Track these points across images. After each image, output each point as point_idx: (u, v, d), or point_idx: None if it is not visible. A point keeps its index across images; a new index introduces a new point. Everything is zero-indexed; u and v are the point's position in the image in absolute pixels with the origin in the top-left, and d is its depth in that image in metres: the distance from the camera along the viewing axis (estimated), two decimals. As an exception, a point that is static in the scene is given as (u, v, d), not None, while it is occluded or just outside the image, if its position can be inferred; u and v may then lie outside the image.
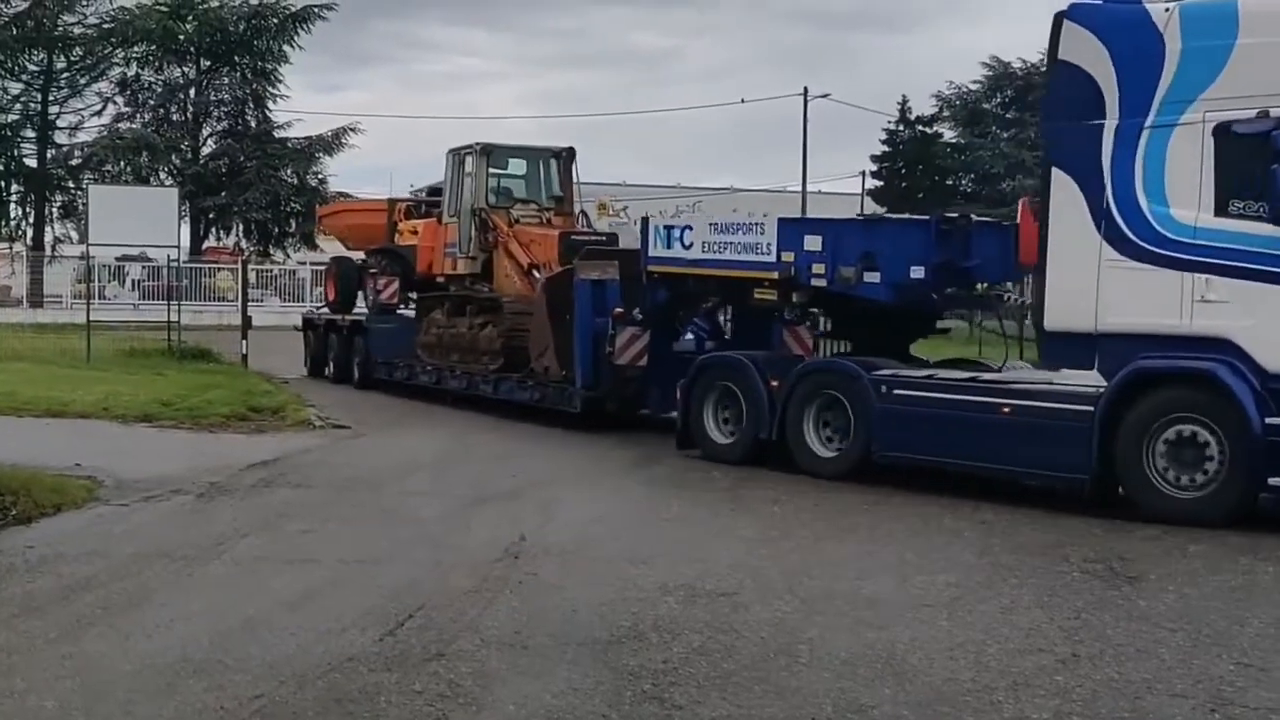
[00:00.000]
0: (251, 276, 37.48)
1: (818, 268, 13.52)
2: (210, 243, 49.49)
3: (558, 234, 19.36)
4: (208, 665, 6.83)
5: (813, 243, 13.66)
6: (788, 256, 13.73)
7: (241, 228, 49.07)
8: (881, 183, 54.71)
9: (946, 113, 52.88)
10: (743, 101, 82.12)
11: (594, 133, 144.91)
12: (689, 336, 15.59)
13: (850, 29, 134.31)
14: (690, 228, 15.25)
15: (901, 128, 53.29)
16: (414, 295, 22.99)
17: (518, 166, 21.54)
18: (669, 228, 15.60)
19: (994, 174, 48.96)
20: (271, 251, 48.88)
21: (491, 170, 20.81)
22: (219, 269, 44.88)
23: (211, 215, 48.01)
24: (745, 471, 13.61)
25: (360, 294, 24.52)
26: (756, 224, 14.44)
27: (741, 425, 14.06)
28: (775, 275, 13.86)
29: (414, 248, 22.54)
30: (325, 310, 25.83)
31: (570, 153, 21.04)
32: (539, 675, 6.76)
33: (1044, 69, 53.06)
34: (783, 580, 8.74)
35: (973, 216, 14.68)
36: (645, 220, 16.00)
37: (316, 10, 48.19)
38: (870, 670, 6.83)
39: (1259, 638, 7.38)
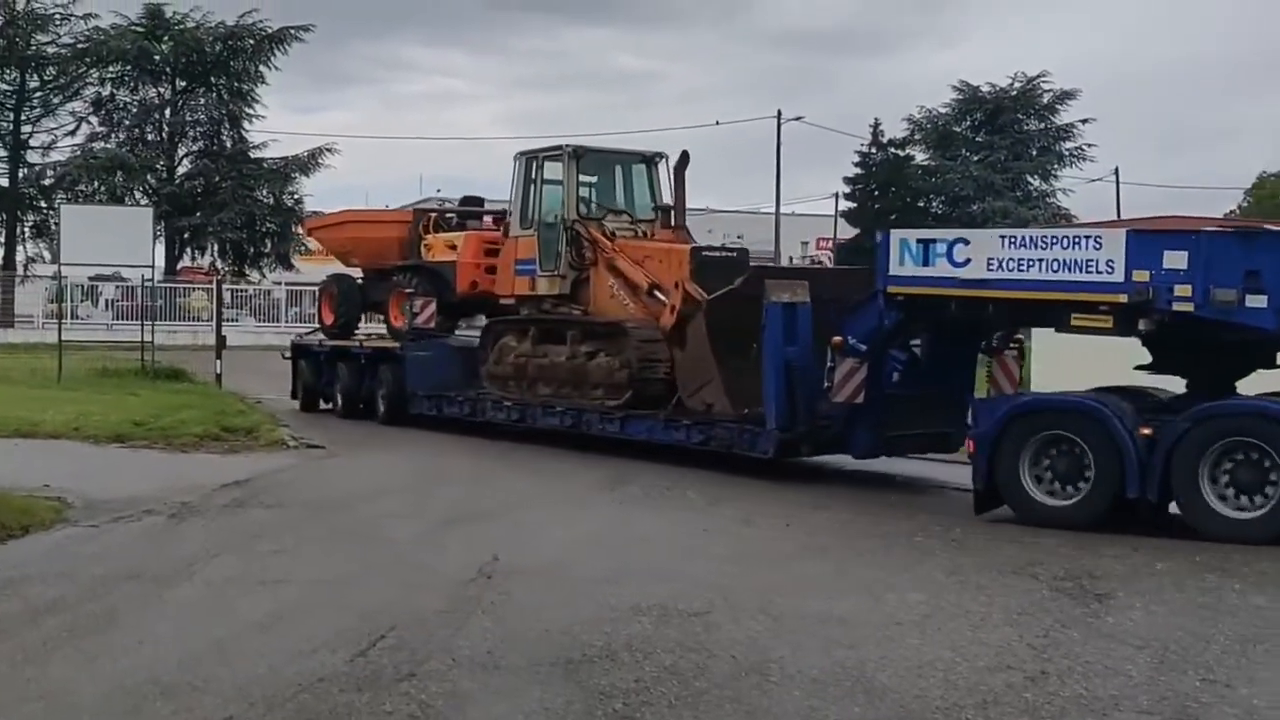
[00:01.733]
0: (226, 296, 37.39)
1: (1181, 289, 11.16)
2: (185, 262, 49.31)
3: (689, 249, 16.87)
4: (176, 687, 6.78)
5: (1175, 259, 11.33)
6: (1141, 275, 11.35)
7: (216, 248, 48.91)
8: (854, 204, 54.99)
9: (918, 135, 53.30)
10: (717, 124, 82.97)
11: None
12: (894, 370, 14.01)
13: (825, 53, 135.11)
14: (965, 241, 12.63)
15: (874, 150, 53.63)
16: (479, 318, 20.88)
17: (606, 173, 18.92)
18: (926, 242, 12.89)
19: (964, 196, 49.38)
20: (246, 271, 48.75)
21: (582, 178, 18.31)
22: (193, 289, 44.74)
23: (186, 235, 47.86)
24: (717, 491, 13.60)
25: (372, 316, 22.74)
26: (1088, 238, 11.86)
27: (1087, 483, 11.66)
28: (1122, 298, 11.42)
29: (452, 264, 19.94)
30: (319, 334, 23.40)
31: (684, 157, 17.82)
32: (511, 695, 6.73)
33: (1012, 93, 53.45)
34: (754, 599, 8.72)
35: None
36: (886, 234, 13.40)
37: (294, 32, 48.20)
38: (840, 688, 6.82)
39: (1224, 654, 7.40)
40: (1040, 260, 11.91)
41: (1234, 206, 69.17)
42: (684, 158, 17.67)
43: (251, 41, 48.18)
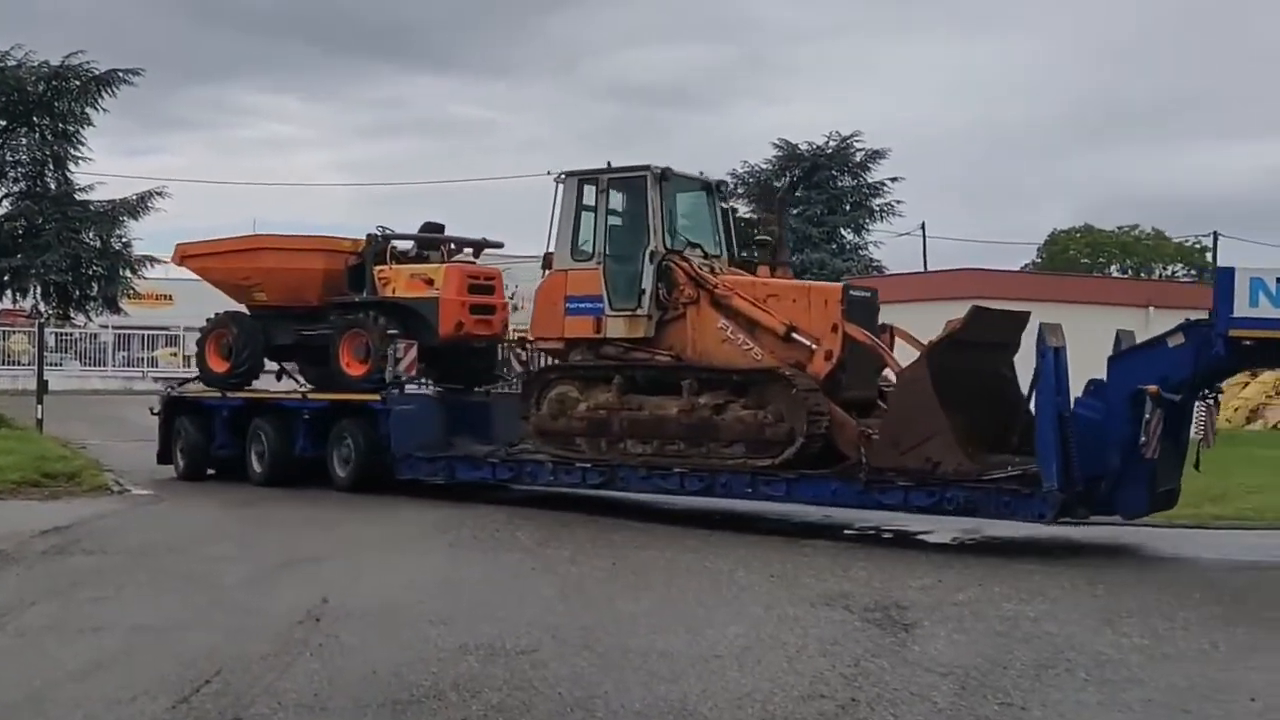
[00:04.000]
0: (50, 340, 36.04)
1: None
2: (5, 304, 47.37)
3: (841, 287, 14.90)
4: (-8, 738, 6.51)
5: None
6: None
7: (39, 290, 47.07)
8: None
9: (740, 190, 54.25)
10: (549, 174, 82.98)
11: (408, 201, 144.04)
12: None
13: (657, 107, 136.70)
14: None
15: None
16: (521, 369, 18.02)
17: (671, 199, 15.89)
18: None
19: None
20: (72, 314, 47.04)
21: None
22: (13, 331, 43.04)
23: (7, 277, 45.99)
24: (547, 532, 13.60)
25: (290, 366, 19.63)
26: None
27: None
28: None
29: (433, 301, 17.12)
30: (195, 385, 19.82)
31: (789, 188, 15.47)
32: (337, 737, 6.62)
33: (828, 151, 54.77)
34: (580, 637, 8.75)
35: None
36: (1228, 272, 12.05)
37: (122, 74, 46.86)
38: (662, 722, 6.88)
39: (1020, 679, 7.68)
40: None
41: (1029, 260, 72.14)
42: (789, 188, 15.82)
43: (77, 83, 46.62)
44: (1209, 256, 71.15)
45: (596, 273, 15.42)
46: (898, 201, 52.97)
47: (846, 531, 14.14)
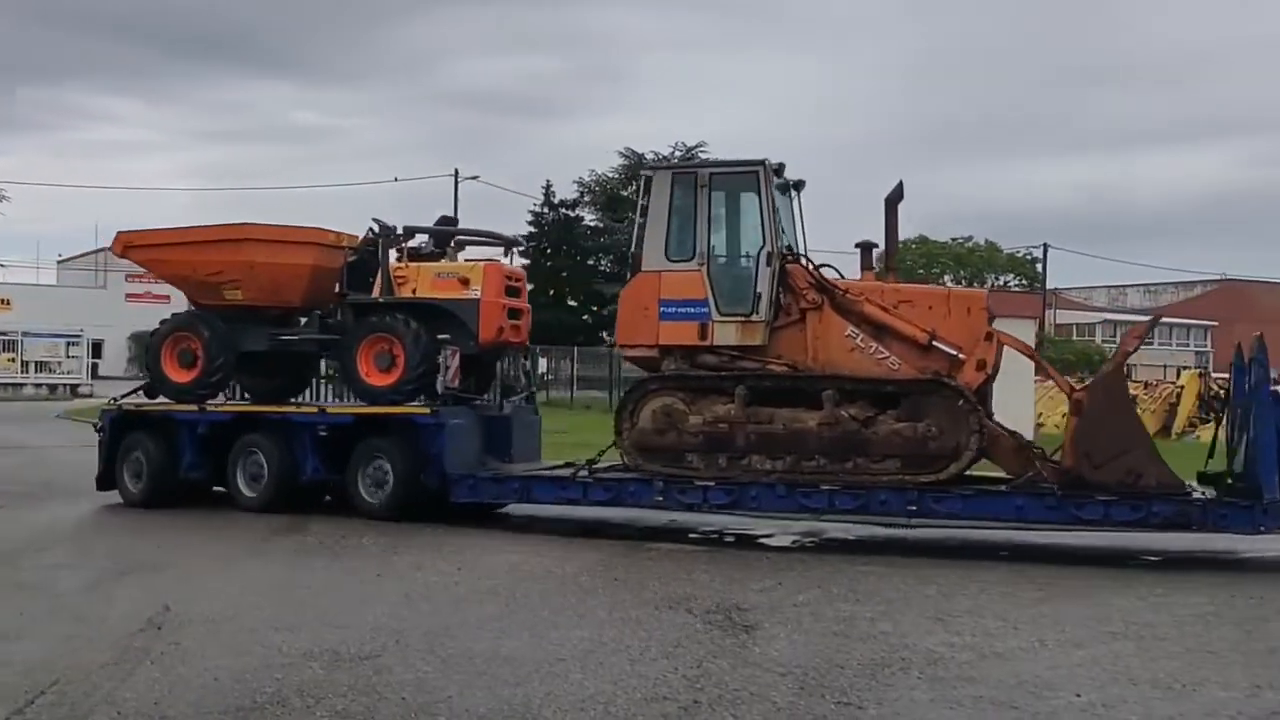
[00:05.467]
0: None
1: None
2: None
3: (983, 294, 14.24)
4: None
5: None
6: None
7: None
8: (528, 261, 55.49)
9: (587, 198, 54.37)
10: (395, 180, 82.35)
11: (252, 207, 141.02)
12: None
13: (502, 115, 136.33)
14: None
15: (546, 210, 54.32)
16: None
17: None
18: None
19: (630, 256, 50.43)
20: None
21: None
22: None
23: None
24: (394, 538, 13.42)
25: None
26: None
27: None
28: None
29: (472, 304, 15.14)
30: (136, 395, 16.97)
31: (898, 189, 14.44)
32: (176, 746, 6.44)
33: (674, 159, 54.87)
34: (424, 641, 8.65)
35: None
36: None
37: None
38: (507, 725, 6.84)
39: (856, 678, 7.81)
40: None
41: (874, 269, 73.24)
42: (899, 190, 14.42)
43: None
44: (1039, 268, 73.62)
45: (699, 275, 14.02)
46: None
47: (691, 536, 14.24)
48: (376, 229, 15.58)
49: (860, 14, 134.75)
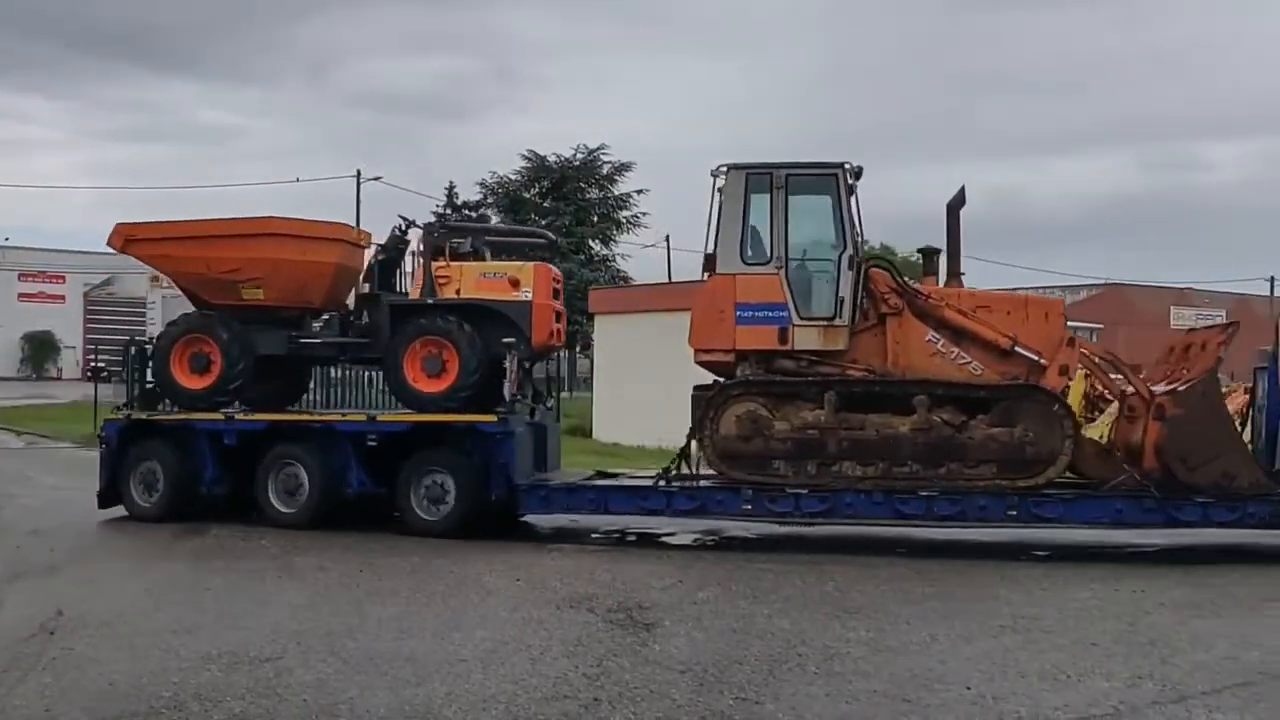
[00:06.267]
0: None
1: None
2: None
3: (1060, 301, 14.39)
4: None
5: None
6: None
7: None
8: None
9: (490, 199, 54.15)
10: (298, 180, 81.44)
11: (155, 206, 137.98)
12: None
13: (405, 116, 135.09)
14: None
15: (449, 212, 54.00)
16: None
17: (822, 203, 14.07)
18: None
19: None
20: None
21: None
22: None
23: None
24: (294, 539, 13.25)
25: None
26: None
27: None
28: None
29: (525, 306, 14.39)
30: (127, 409, 15.40)
31: (960, 195, 14.23)
32: (70, 752, 6.30)
33: (575, 163, 54.91)
34: (325, 643, 8.56)
35: None
36: None
37: None
38: (408, 725, 6.79)
39: (754, 674, 7.88)
40: None
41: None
42: (961, 195, 14.18)
43: None
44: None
45: (776, 278, 13.61)
46: (643, 214, 53.86)
47: (593, 536, 14.24)
48: (404, 226, 15.05)
49: (768, 22, 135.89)
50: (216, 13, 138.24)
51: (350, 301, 15.42)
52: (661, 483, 13.93)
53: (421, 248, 14.70)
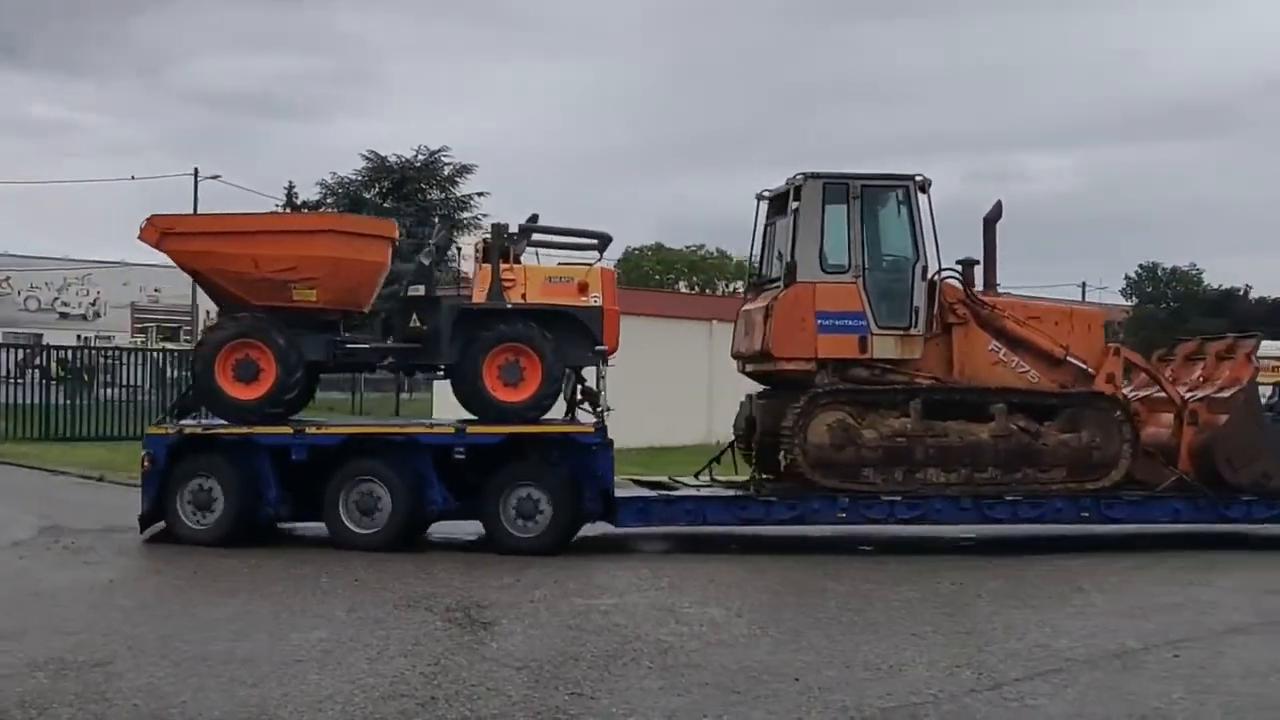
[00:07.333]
0: None
1: None
2: None
3: (1099, 312, 14.74)
4: None
5: None
6: None
7: None
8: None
9: (329, 200, 53.28)
10: (133, 178, 79.14)
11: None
12: None
13: (244, 114, 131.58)
14: None
15: (288, 211, 52.99)
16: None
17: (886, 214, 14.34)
18: None
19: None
20: None
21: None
22: None
23: None
24: (128, 544, 12.91)
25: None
26: None
27: None
28: None
29: (596, 311, 13.53)
30: (176, 422, 13.92)
31: (998, 208, 14.62)
32: (-114, 763, 6.05)
33: (417, 164, 54.38)
34: (158, 647, 8.37)
35: None
36: None
37: None
38: (242, 727, 6.69)
39: (590, 670, 7.95)
40: None
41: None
42: (998, 209, 14.50)
43: None
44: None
45: (854, 287, 13.70)
46: (484, 215, 53.63)
47: (433, 537, 14.13)
48: (448, 227, 13.92)
49: (615, 28, 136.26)
50: (45, 3, 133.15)
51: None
52: (753, 490, 13.97)
53: (480, 251, 13.84)
